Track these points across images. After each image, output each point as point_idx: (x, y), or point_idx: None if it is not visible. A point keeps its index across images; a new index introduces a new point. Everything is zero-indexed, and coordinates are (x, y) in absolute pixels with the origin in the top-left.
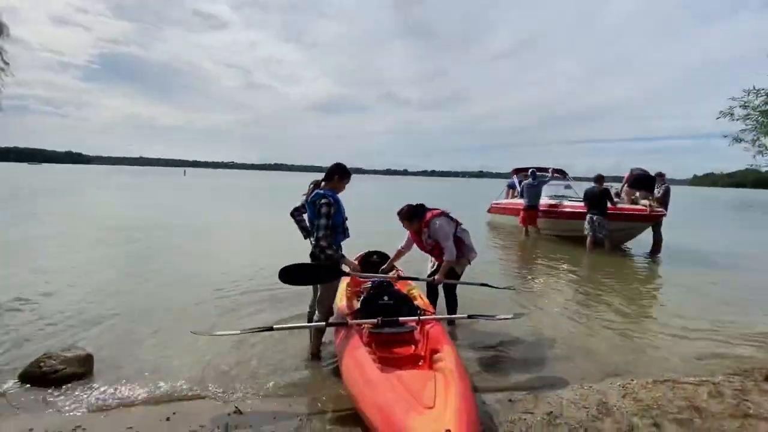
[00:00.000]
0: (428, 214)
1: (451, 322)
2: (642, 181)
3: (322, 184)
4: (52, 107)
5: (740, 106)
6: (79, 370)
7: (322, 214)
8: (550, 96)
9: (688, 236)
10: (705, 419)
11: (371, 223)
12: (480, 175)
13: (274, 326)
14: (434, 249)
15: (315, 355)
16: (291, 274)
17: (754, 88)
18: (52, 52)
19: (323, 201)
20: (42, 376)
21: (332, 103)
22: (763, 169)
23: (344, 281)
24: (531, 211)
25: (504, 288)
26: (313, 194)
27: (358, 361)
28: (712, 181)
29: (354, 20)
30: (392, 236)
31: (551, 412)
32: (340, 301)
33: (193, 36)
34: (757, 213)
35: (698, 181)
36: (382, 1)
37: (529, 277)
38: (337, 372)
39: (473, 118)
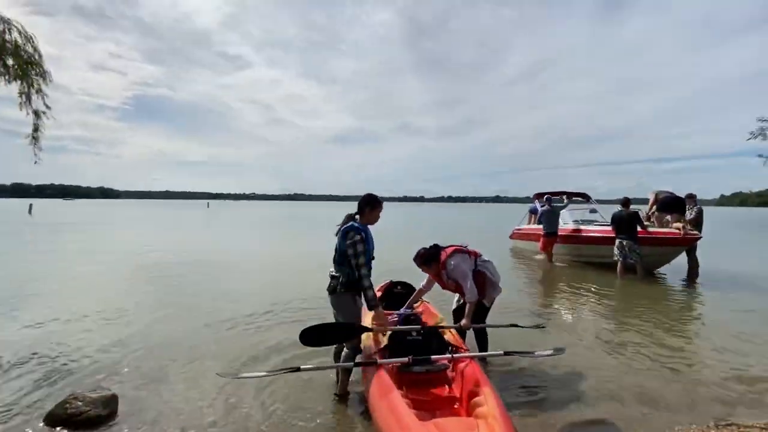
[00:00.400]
0: (443, 254)
1: (484, 359)
2: (671, 205)
3: (356, 217)
4: (86, 146)
5: None
6: (103, 412)
7: (358, 252)
8: (566, 118)
9: (725, 259)
10: None
11: (391, 250)
12: (497, 200)
13: (301, 367)
14: (458, 288)
15: (342, 396)
16: (312, 336)
17: None
18: (89, 96)
19: (357, 238)
20: (68, 419)
21: (350, 135)
22: None
23: (368, 315)
24: (551, 238)
25: (533, 327)
26: (346, 225)
27: (392, 405)
28: (740, 200)
29: (368, 56)
30: (412, 264)
31: None
32: (367, 337)
33: (219, 77)
34: None
35: (726, 200)
36: (394, 36)
37: (559, 307)
38: (366, 414)
39: (489, 144)
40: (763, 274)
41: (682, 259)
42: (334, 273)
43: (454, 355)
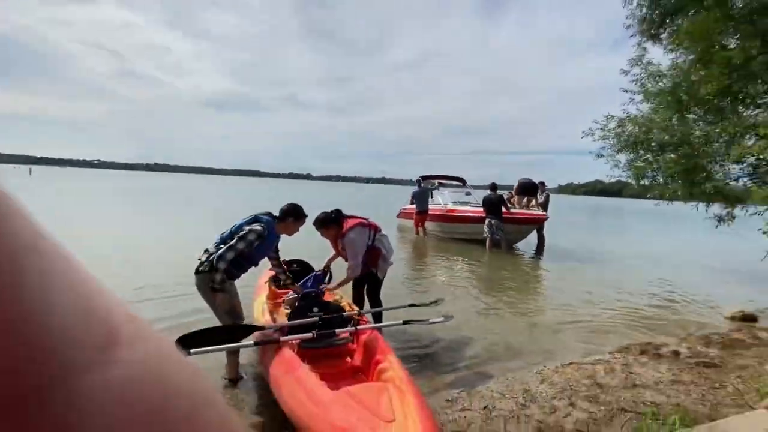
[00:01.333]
0: (346, 225)
1: (380, 330)
2: (527, 188)
3: (275, 220)
4: None
5: (600, 129)
6: None
7: (247, 240)
8: (448, 109)
9: (563, 236)
10: (606, 393)
11: None
12: (383, 180)
13: (192, 350)
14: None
15: (233, 380)
16: (195, 341)
17: (609, 114)
18: None
19: (258, 229)
20: None
21: (228, 99)
22: (607, 181)
23: (263, 294)
24: (422, 215)
25: (432, 303)
26: (262, 215)
27: (302, 380)
28: (571, 189)
29: (253, 14)
30: (309, 243)
31: (486, 406)
32: (261, 315)
33: (46, 6)
34: (603, 217)
35: (561, 189)
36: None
37: (441, 277)
38: (264, 395)
39: (377, 126)
40: (591, 247)
41: (533, 235)
42: (212, 250)
43: (357, 327)
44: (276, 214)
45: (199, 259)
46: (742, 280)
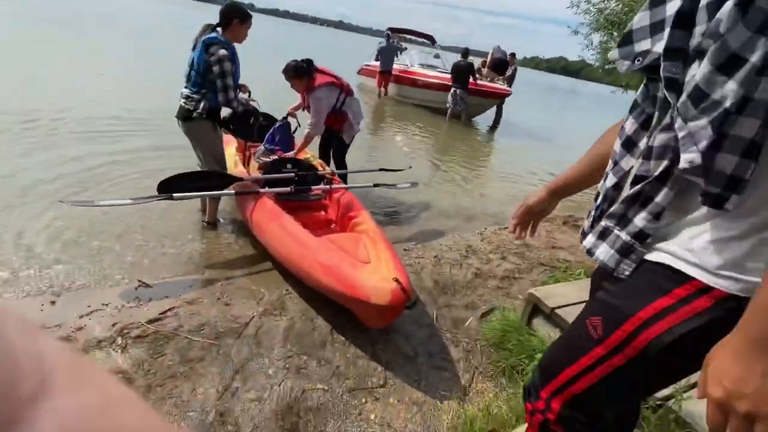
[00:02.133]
0: (317, 80)
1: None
2: (499, 66)
3: (219, 29)
4: None
5: (585, 1)
6: None
7: (226, 71)
8: None
9: (517, 113)
10: (531, 251)
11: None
12: (340, 25)
13: (174, 195)
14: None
15: (212, 223)
16: (175, 186)
17: None
18: None
19: (222, 53)
20: None
21: None
22: (570, 59)
23: (232, 145)
24: (385, 75)
25: (405, 169)
26: (206, 36)
27: (286, 227)
28: (534, 63)
29: None
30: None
31: (436, 255)
32: (235, 166)
33: None
34: (558, 97)
35: (525, 62)
36: None
37: (402, 145)
38: (241, 236)
39: None
40: (542, 126)
41: (492, 110)
42: (189, 94)
43: (331, 186)
44: (214, 28)
45: (185, 105)
46: None
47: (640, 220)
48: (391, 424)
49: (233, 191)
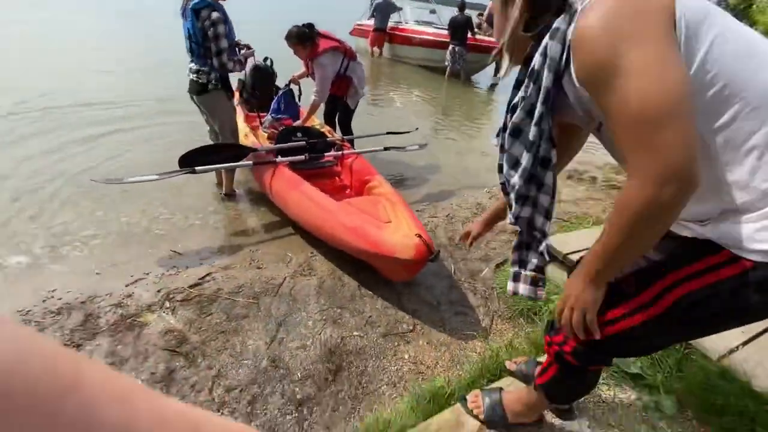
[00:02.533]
0: (320, 45)
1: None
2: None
3: None
4: None
5: None
6: None
7: (219, 34)
8: None
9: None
10: None
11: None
12: None
13: (197, 168)
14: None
15: (230, 195)
16: (194, 159)
17: None
18: None
19: (214, 16)
20: None
21: None
22: None
23: (239, 117)
24: (380, 34)
25: (406, 132)
26: (194, 2)
27: (308, 194)
28: None
29: None
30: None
31: (448, 214)
32: (246, 138)
33: None
34: None
35: None
36: None
37: (403, 107)
38: (262, 208)
39: None
40: None
41: (491, 66)
42: (197, 67)
43: (343, 152)
44: None
45: (196, 79)
46: None
47: None
48: (423, 361)
49: (251, 162)
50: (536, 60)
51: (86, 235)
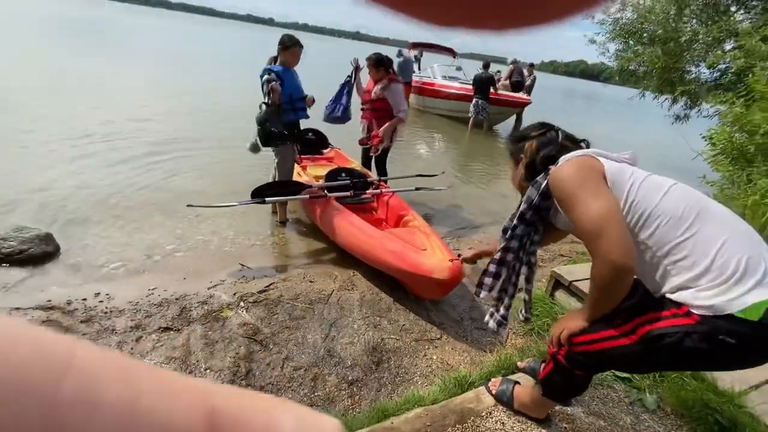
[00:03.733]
0: (392, 76)
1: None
2: (516, 88)
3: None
4: None
5: (601, 11)
6: (48, 249)
7: (268, 92)
8: None
9: (538, 120)
10: (553, 245)
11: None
12: (357, 36)
13: (267, 199)
14: (375, 103)
15: (283, 222)
16: (263, 192)
17: None
18: None
19: (265, 77)
20: (5, 259)
21: None
22: (590, 62)
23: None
24: (407, 86)
25: (439, 174)
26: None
27: (355, 224)
28: (553, 68)
29: None
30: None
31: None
32: (298, 176)
33: None
34: (577, 101)
35: (544, 66)
36: None
37: (432, 154)
38: (310, 233)
39: None
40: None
41: (512, 117)
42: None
43: (381, 190)
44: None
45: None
46: (668, 171)
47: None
48: (448, 362)
49: (307, 195)
50: (529, 191)
51: (171, 249)
